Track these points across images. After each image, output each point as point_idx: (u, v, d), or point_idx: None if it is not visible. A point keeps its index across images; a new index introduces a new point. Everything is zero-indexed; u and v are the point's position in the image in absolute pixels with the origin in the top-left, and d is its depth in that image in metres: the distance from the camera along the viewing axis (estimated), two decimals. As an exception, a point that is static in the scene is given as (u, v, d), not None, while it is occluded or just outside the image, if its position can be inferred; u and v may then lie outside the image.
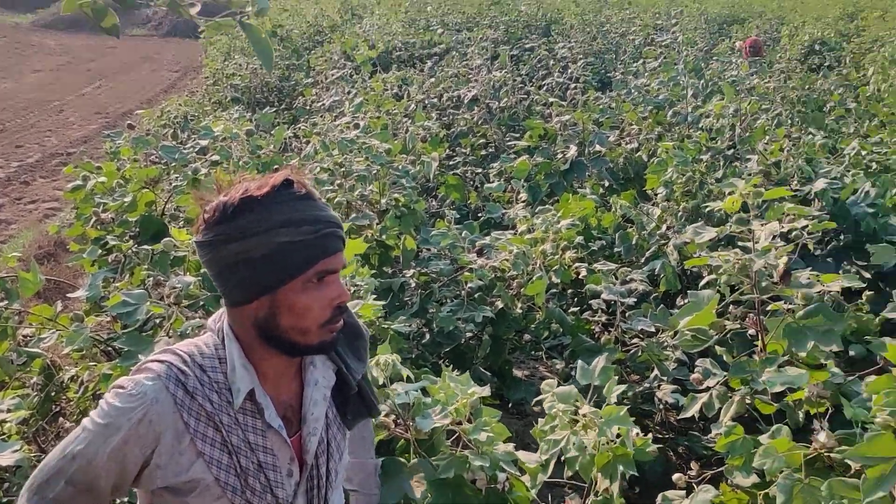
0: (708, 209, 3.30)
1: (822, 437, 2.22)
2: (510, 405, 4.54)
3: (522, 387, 4.45)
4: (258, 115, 6.13)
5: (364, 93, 6.69)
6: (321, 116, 6.85)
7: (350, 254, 2.95)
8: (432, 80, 9.08)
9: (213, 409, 1.46)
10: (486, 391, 2.48)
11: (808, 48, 16.59)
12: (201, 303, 3.01)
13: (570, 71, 8.41)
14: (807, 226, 2.91)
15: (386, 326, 3.47)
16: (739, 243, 2.85)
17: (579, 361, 2.75)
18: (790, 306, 2.86)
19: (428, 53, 12.64)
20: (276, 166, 5.13)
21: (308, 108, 8.68)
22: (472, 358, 4.23)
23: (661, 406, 3.76)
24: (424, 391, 2.43)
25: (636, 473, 2.42)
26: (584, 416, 2.47)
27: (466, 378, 2.50)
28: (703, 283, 2.91)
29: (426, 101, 8.37)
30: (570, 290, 4.79)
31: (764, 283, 2.81)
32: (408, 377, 2.29)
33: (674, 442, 4.18)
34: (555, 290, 4.63)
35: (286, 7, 19.38)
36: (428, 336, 4.20)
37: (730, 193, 2.80)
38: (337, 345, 1.58)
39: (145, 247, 3.39)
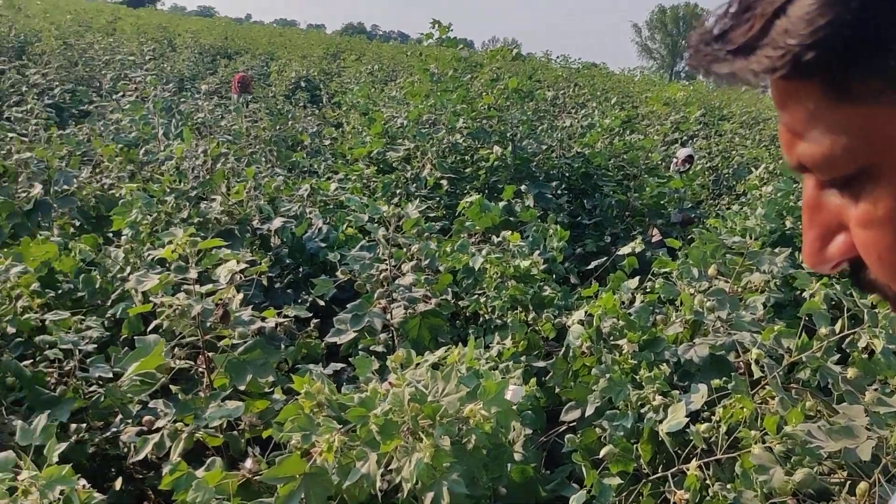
0: (151, 257, 3.41)
1: (248, 463, 2.47)
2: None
3: (-20, 449, 4.06)
4: None
5: None
6: None
7: None
8: None
9: None
10: None
11: (294, 85, 17.89)
12: None
13: (31, 103, 7.88)
14: (246, 268, 3.19)
15: None
16: (184, 287, 3.01)
17: (20, 423, 2.64)
18: (235, 342, 3.11)
19: None
20: None
21: None
22: None
23: (127, 449, 3.75)
24: None
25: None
26: (23, 482, 2.38)
27: None
28: (150, 327, 3.00)
29: None
30: (38, 338, 4.51)
31: (209, 324, 3.02)
32: None
33: (150, 480, 4.20)
34: (20, 340, 4.32)
35: None
36: None
37: (168, 243, 2.95)
38: None
39: None
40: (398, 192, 7.25)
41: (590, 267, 5.57)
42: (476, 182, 7.43)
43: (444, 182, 7.27)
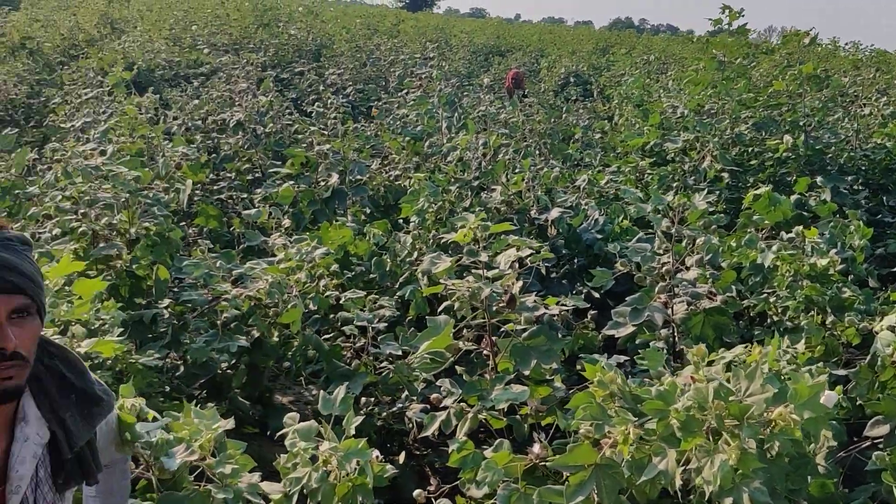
0: (442, 241, 3.54)
1: (536, 448, 2.47)
2: (269, 433, 4.54)
3: (284, 414, 4.46)
4: (-2, 137, 5.70)
5: (119, 115, 6.44)
6: (73, 138, 6.50)
7: (89, 291, 2.85)
8: (196, 101, 8.88)
9: None
10: (230, 424, 2.50)
11: (564, 80, 17.96)
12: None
13: (329, 99, 8.56)
14: (532, 254, 3.20)
15: (133, 361, 3.39)
16: (473, 271, 3.08)
17: (321, 392, 2.84)
18: (521, 327, 3.14)
19: (194, 73, 12.32)
20: (16, 192, 4.82)
21: (59, 127, 8.18)
22: (229, 388, 4.20)
23: (411, 425, 3.93)
24: (167, 428, 2.41)
25: (380, 502, 2.52)
26: (324, 452, 2.53)
27: (212, 412, 2.51)
28: (440, 308, 3.11)
29: (189, 124, 8.17)
30: (332, 316, 4.89)
31: (494, 308, 3.07)
32: (154, 417, 2.27)
33: (428, 458, 4.39)
34: (317, 317, 4.71)
35: (38, 17, 18.04)
36: (182, 368, 4.12)
37: (461, 227, 3.04)
38: (53, 408, 1.57)
39: None
40: (675, 184, 6.98)
41: (895, 270, 5.00)
42: (761, 174, 6.97)
43: (724, 175, 6.89)
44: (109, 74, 8.15)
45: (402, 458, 3.41)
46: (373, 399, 4.11)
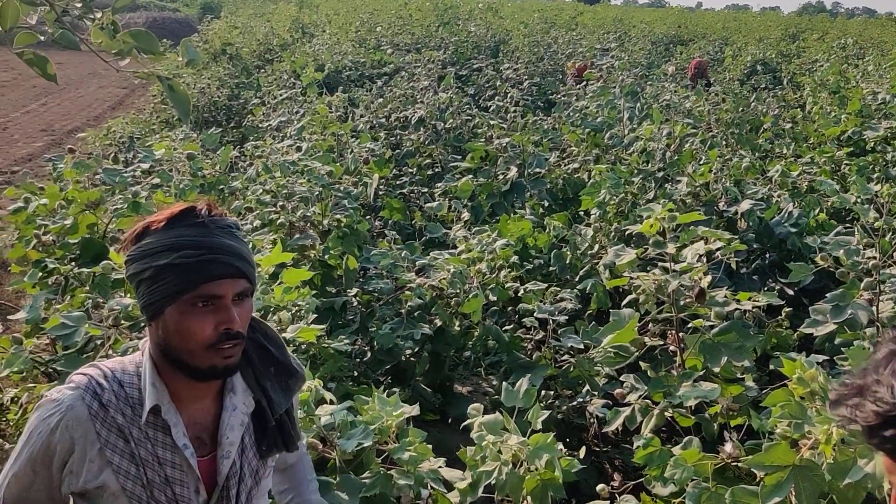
0: (627, 232, 3.45)
1: (728, 447, 2.37)
2: (450, 420, 4.64)
3: (464, 402, 4.54)
4: (204, 136, 6.17)
5: (311, 114, 6.79)
6: (269, 137, 6.92)
7: (295, 280, 3.03)
8: (381, 100, 9.21)
9: (125, 422, 1.55)
10: (414, 410, 2.57)
11: (750, 68, 17.09)
12: (142, 324, 3.06)
13: (509, 94, 8.60)
14: (722, 246, 3.07)
15: (326, 345, 3.56)
16: (660, 264, 3.00)
17: (504, 384, 2.85)
18: (709, 323, 3.02)
19: (378, 73, 12.76)
20: (221, 186, 5.20)
21: (256, 127, 8.74)
22: (412, 375, 4.33)
23: (593, 420, 3.89)
24: (353, 410, 2.51)
25: (565, 497, 2.51)
26: (513, 447, 2.54)
27: (395, 399, 2.59)
28: (625, 302, 3.05)
29: (374, 122, 8.48)
30: (509, 308, 4.92)
31: (682, 302, 2.98)
32: (331, 400, 2.37)
33: (608, 454, 4.33)
34: (495, 308, 4.76)
35: (236, 25, 19.35)
36: (369, 354, 4.30)
37: (647, 217, 2.96)
38: (258, 378, 1.68)
39: (85, 269, 3.43)
40: (875, 175, 6.47)
41: None
42: (980, 164, 6.34)
43: (935, 165, 6.32)
44: (302, 76, 8.60)
45: (582, 453, 3.38)
46: (552, 392, 4.09)
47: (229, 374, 1.63)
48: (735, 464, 2.39)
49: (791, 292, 4.47)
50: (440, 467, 2.47)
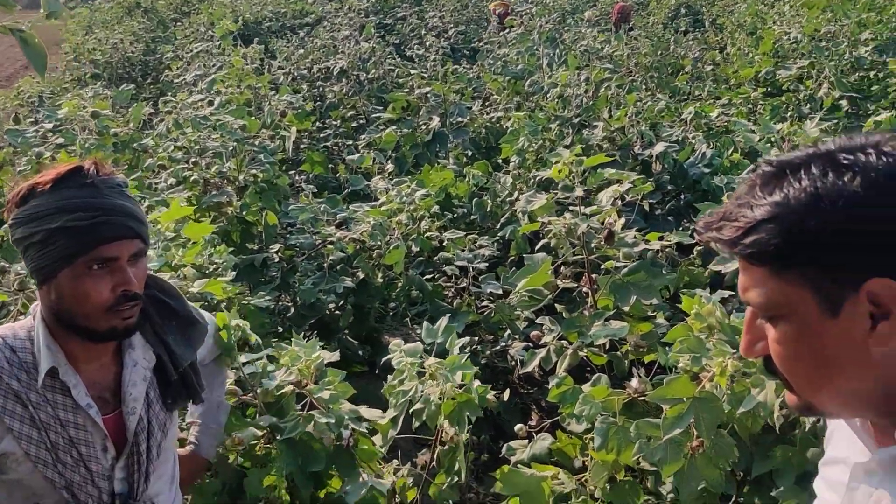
0: (539, 178, 3.50)
1: (634, 382, 2.46)
2: (378, 371, 4.68)
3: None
4: (115, 92, 5.98)
5: (227, 66, 6.64)
6: (186, 92, 6.74)
7: (198, 234, 2.99)
8: (301, 51, 9.03)
9: (21, 387, 1.53)
10: (335, 357, 2.59)
11: (674, 12, 17.21)
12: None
13: (429, 42, 8.53)
14: (632, 189, 3.14)
15: (245, 302, 3.54)
16: (570, 208, 3.05)
17: (425, 323, 2.90)
18: (620, 264, 3.09)
19: (300, 24, 12.50)
20: (134, 144, 5.06)
21: (173, 82, 8.51)
22: (337, 329, 4.34)
23: (514, 363, 3.97)
24: (271, 359, 2.52)
25: (480, 415, 2.57)
26: (430, 366, 2.61)
27: (313, 343, 2.60)
28: (538, 246, 3.10)
29: (295, 73, 8.33)
30: (435, 258, 4.96)
31: (592, 244, 3.04)
32: (256, 342, 2.38)
33: (532, 396, 4.44)
34: (420, 259, 4.79)
35: (151, -24, 18.64)
36: (293, 310, 4.29)
37: (556, 163, 3.00)
38: (157, 333, 1.68)
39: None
40: (789, 115, 6.65)
41: None
42: (884, 101, 6.55)
43: (843, 102, 6.51)
44: (216, 27, 8.38)
45: (506, 395, 3.45)
46: (476, 338, 4.16)
47: (129, 335, 1.63)
48: (642, 399, 2.47)
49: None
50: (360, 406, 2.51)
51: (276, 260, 4.33)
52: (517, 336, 3.88)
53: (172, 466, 1.81)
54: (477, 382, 2.64)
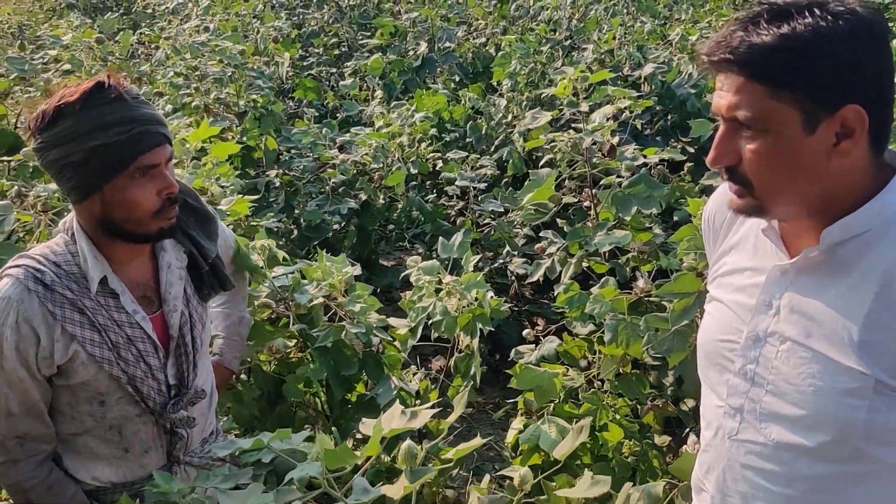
0: (543, 95, 3.61)
1: (640, 282, 2.63)
2: (377, 291, 4.84)
3: (389, 273, 4.75)
4: (100, 21, 5.94)
5: (209, -6, 6.59)
6: (168, 21, 6.70)
7: (224, 154, 3.09)
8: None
9: (75, 296, 1.63)
10: (357, 270, 2.74)
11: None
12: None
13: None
14: (629, 106, 3.27)
15: (255, 224, 3.65)
16: (573, 125, 3.18)
17: (440, 238, 3.05)
18: (619, 179, 3.24)
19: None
20: (124, 73, 5.08)
21: (150, 12, 8.40)
22: (340, 249, 4.47)
23: (514, 278, 4.14)
24: (302, 273, 2.66)
25: (492, 329, 2.75)
26: (447, 284, 2.77)
27: (342, 258, 2.75)
28: (542, 162, 3.24)
29: (275, 1, 8.25)
30: (428, 181, 5.08)
31: (594, 159, 3.18)
32: (284, 258, 2.51)
33: (528, 311, 4.63)
34: (415, 182, 4.91)
35: None
36: (296, 232, 4.41)
37: (561, 79, 3.11)
38: (183, 230, 1.79)
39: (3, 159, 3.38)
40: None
41: None
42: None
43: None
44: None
45: (502, 300, 3.63)
46: (477, 256, 4.31)
47: (173, 234, 1.74)
48: (647, 298, 2.65)
49: (692, 150, 4.74)
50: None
51: (278, 184, 4.43)
52: (516, 252, 4.04)
53: (209, 362, 1.97)
54: (490, 294, 2.81)
